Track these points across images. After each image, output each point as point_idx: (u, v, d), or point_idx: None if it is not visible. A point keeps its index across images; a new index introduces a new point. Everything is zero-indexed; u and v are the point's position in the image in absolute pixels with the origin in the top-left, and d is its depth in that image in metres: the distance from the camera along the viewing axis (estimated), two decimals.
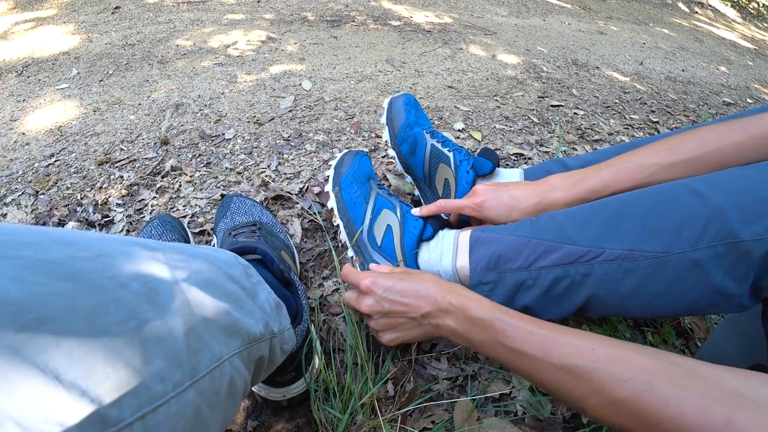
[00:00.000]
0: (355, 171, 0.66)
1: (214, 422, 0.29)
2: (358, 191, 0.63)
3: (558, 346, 0.36)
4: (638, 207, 0.43)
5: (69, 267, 0.23)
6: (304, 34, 1.81)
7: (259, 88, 1.30)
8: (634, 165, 0.49)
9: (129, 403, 0.21)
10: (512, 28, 2.28)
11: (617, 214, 0.44)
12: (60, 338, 0.20)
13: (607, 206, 0.46)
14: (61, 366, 0.19)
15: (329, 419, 0.51)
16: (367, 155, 0.71)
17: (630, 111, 1.46)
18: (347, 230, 0.63)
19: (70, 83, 1.38)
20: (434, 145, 0.69)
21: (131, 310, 0.24)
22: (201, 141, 1.04)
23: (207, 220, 0.81)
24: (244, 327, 0.35)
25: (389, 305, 0.47)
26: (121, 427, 0.21)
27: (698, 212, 0.39)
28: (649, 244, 0.41)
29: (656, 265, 0.41)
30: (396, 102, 0.76)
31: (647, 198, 0.44)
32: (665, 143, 0.50)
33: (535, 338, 0.38)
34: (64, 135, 1.09)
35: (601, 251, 0.43)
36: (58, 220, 0.84)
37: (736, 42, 3.14)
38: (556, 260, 0.45)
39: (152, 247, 0.31)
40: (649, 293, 0.42)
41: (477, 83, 1.46)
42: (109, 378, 0.21)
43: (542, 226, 0.48)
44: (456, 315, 0.44)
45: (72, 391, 0.19)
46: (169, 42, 1.69)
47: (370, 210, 0.62)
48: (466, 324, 0.43)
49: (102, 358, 0.21)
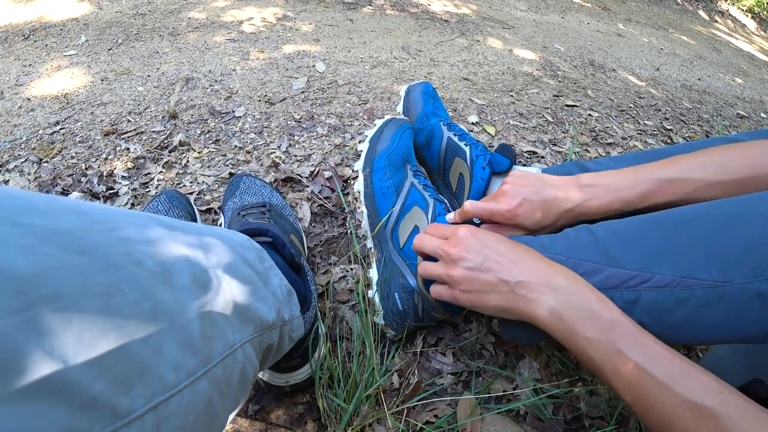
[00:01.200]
0: (393, 151, 0.59)
1: (224, 413, 0.28)
2: (390, 178, 0.58)
3: (686, 377, 0.34)
4: (696, 228, 0.39)
5: (82, 239, 0.21)
6: (319, 15, 1.77)
7: (271, 66, 1.28)
8: (677, 178, 0.45)
9: (140, 392, 0.20)
10: (530, 23, 2.24)
11: (672, 236, 0.39)
12: (70, 318, 0.18)
13: (660, 225, 0.41)
14: (69, 348, 0.18)
15: (333, 407, 0.50)
16: (411, 128, 0.64)
17: (644, 117, 1.44)
18: (371, 220, 0.59)
19: (78, 50, 1.35)
20: (451, 138, 0.67)
21: (146, 291, 0.23)
22: (210, 117, 1.02)
23: (214, 198, 0.80)
24: (258, 313, 0.34)
25: (483, 258, 0.42)
26: (131, 419, 0.19)
27: (764, 239, 0.35)
28: (707, 271, 0.37)
29: (714, 295, 0.36)
30: (414, 90, 0.73)
31: (708, 218, 0.39)
32: (711, 157, 0.46)
33: (665, 362, 0.34)
34: (70, 103, 1.07)
35: (649, 276, 0.39)
36: (61, 189, 0.82)
37: (754, 55, 3.10)
38: (599, 284, 0.41)
39: (169, 225, 0.30)
40: (702, 324, 0.38)
41: (493, 77, 1.44)
42: (119, 365, 0.19)
43: (581, 243, 0.44)
44: (566, 298, 0.39)
45: (80, 377, 0.18)
46: (182, 14, 1.65)
47: (400, 204, 0.57)
48: (577, 313, 0.38)
49: (114, 342, 0.19)
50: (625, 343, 0.35)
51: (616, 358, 0.36)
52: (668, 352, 0.35)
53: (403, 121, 0.64)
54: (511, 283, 0.41)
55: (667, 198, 0.46)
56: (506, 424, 0.53)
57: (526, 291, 0.40)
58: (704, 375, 0.34)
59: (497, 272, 0.42)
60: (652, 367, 0.34)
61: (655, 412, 0.34)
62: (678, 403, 0.32)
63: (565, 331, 0.38)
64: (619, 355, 0.35)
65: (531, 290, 0.40)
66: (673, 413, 0.33)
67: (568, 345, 0.39)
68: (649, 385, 0.34)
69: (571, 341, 0.38)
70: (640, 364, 0.34)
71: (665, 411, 0.33)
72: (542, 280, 0.40)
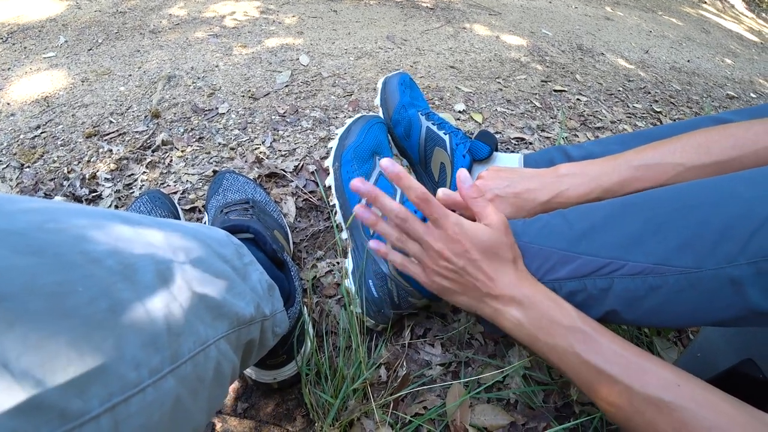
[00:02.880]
0: (359, 145, 0.60)
1: (197, 411, 0.27)
2: (358, 170, 0.58)
3: (643, 373, 0.34)
4: (670, 213, 0.38)
5: (34, 239, 0.21)
6: (303, 7, 1.75)
7: (254, 61, 1.26)
8: (657, 163, 0.45)
9: (96, 393, 0.19)
10: (517, 8, 2.22)
11: (645, 221, 0.38)
12: (13, 320, 0.18)
13: (631, 210, 0.40)
14: (11, 352, 0.17)
15: (320, 403, 0.50)
16: (382, 122, 0.65)
17: (633, 100, 1.43)
18: (343, 212, 0.60)
19: (58, 52, 1.32)
20: (429, 127, 0.66)
21: (103, 289, 0.22)
22: (193, 115, 1.00)
23: (198, 197, 0.79)
24: (233, 309, 0.33)
25: (464, 263, 0.41)
26: (84, 421, 0.19)
27: (741, 222, 0.34)
28: (681, 257, 0.36)
29: (686, 281, 0.36)
30: (390, 82, 0.72)
31: (681, 202, 0.38)
32: (692, 140, 0.45)
33: (622, 361, 0.35)
34: (50, 106, 1.05)
35: (623, 264, 0.38)
36: (44, 194, 0.81)
37: (743, 35, 3.09)
38: (571, 272, 0.41)
39: (135, 221, 0.29)
40: (674, 311, 0.38)
41: (479, 64, 1.43)
42: (72, 365, 0.19)
43: (554, 230, 0.43)
44: (528, 309, 0.40)
45: (23, 381, 0.17)
46: (162, 11, 1.63)
47: None
48: (538, 322, 0.39)
49: (65, 343, 0.19)
50: (581, 347, 0.37)
51: (575, 360, 0.37)
52: (625, 350, 0.36)
53: (371, 117, 0.64)
54: (482, 292, 0.42)
55: (648, 184, 0.45)
56: (496, 413, 0.53)
57: (495, 302, 0.42)
58: (662, 369, 0.35)
59: (474, 280, 0.42)
60: (608, 367, 0.35)
61: (617, 408, 0.35)
62: (637, 400, 0.34)
63: (529, 339, 0.41)
64: (577, 358, 0.37)
65: (499, 302, 0.42)
66: (634, 410, 0.34)
67: (531, 350, 0.41)
68: (608, 384, 0.35)
69: (533, 346, 0.41)
70: (599, 366, 0.36)
71: (625, 408, 0.34)
72: (510, 294, 0.41)
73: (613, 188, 0.46)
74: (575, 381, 0.38)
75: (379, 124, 0.64)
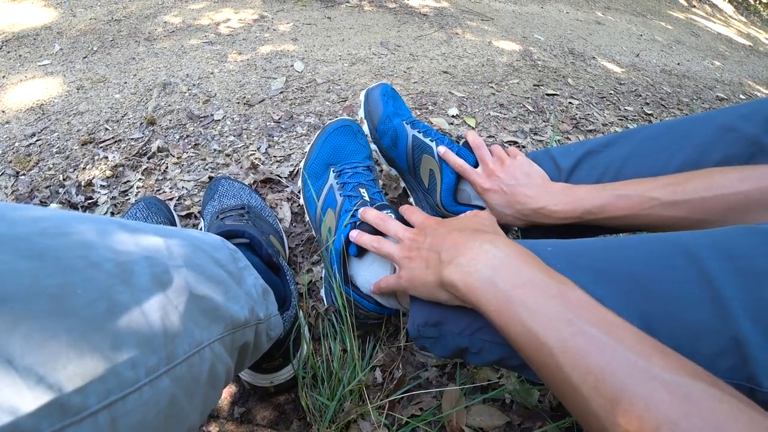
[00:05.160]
0: (312, 163, 0.63)
1: (192, 410, 0.28)
2: (312, 187, 0.62)
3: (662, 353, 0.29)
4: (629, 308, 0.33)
5: (35, 243, 0.22)
6: (297, 14, 1.76)
7: (249, 68, 1.27)
8: (636, 194, 0.48)
9: (95, 390, 0.20)
10: (510, 14, 2.25)
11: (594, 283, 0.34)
12: (18, 320, 0.18)
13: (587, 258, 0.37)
14: (15, 350, 0.18)
15: (317, 406, 0.50)
16: (343, 125, 0.65)
17: (625, 102, 1.45)
18: (313, 225, 0.63)
19: (53, 59, 1.33)
20: (416, 135, 0.67)
21: (102, 291, 0.23)
22: (189, 122, 1.01)
23: (194, 203, 0.79)
24: (228, 312, 0.34)
25: (432, 239, 0.42)
26: (83, 416, 0.19)
27: (711, 335, 0.30)
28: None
29: None
30: (372, 94, 0.72)
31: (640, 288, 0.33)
32: (672, 178, 0.48)
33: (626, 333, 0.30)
34: (46, 113, 1.05)
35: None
36: (39, 201, 0.81)
37: (732, 38, 3.14)
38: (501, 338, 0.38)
39: (132, 228, 0.30)
40: None
41: (472, 69, 1.44)
42: (72, 363, 0.20)
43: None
44: (502, 264, 0.35)
45: (27, 377, 0.18)
46: (157, 18, 1.63)
47: (319, 210, 0.60)
48: (514, 280, 0.34)
49: (66, 343, 0.20)
50: (578, 312, 0.30)
51: (566, 329, 0.30)
52: (627, 324, 0.31)
53: (330, 125, 0.66)
54: (441, 258, 0.39)
55: (623, 212, 0.49)
56: (492, 414, 0.53)
57: (456, 259, 0.37)
58: (669, 351, 0.30)
59: (438, 249, 0.40)
60: (615, 338, 0.29)
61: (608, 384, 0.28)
62: (646, 379, 0.27)
63: (499, 300, 0.33)
64: (571, 325, 0.30)
65: (465, 259, 0.37)
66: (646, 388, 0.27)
67: (501, 320, 0.33)
68: (610, 358, 0.28)
69: (505, 313, 0.33)
70: (597, 336, 0.29)
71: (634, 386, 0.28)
72: (475, 254, 0.37)
73: (594, 210, 0.50)
74: (557, 357, 0.31)
75: (339, 129, 0.65)
